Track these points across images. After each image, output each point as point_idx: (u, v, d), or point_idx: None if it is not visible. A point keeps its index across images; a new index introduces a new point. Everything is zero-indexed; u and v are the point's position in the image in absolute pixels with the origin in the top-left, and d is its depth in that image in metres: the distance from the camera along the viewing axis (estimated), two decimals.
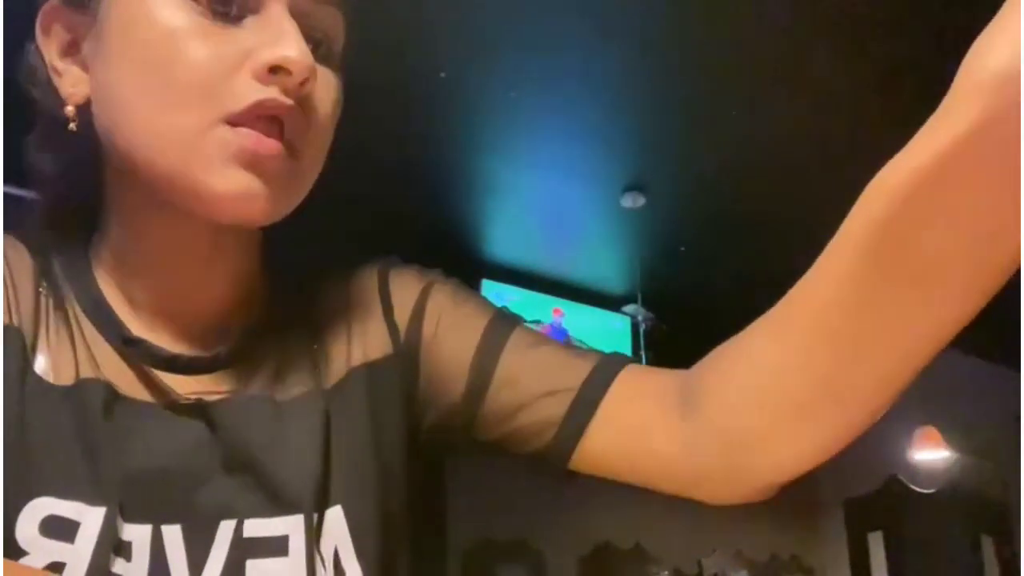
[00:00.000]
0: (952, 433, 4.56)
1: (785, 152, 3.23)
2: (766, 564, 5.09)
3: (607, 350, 0.63)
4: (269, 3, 0.52)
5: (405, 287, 0.65)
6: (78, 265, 0.58)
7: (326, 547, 0.54)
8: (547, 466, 0.61)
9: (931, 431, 4.52)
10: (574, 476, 0.66)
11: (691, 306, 4.40)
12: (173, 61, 0.50)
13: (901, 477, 4.87)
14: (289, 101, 0.51)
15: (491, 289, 4.09)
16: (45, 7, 0.56)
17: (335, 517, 0.55)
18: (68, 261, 0.59)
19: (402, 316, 0.64)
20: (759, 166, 3.34)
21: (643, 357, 4.23)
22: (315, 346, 0.62)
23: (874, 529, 5.20)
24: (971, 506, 5.03)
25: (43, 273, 0.57)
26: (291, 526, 0.53)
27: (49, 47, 0.56)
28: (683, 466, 0.56)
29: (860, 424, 0.49)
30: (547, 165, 3.39)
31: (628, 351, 4.37)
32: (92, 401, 0.53)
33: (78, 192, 0.59)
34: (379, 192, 3.36)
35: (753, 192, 3.49)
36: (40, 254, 0.58)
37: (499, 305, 0.66)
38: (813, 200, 3.74)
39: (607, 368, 0.59)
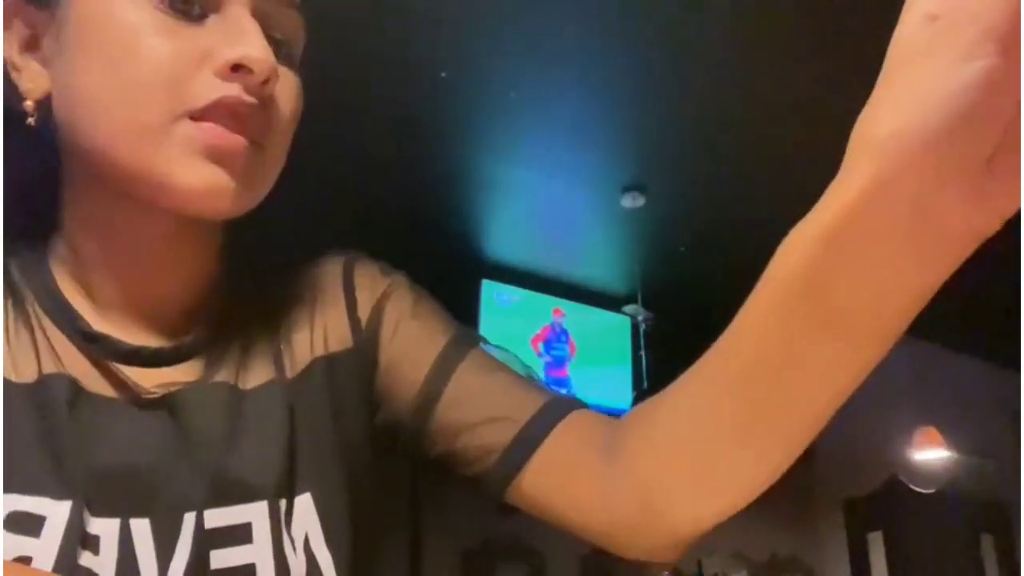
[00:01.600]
0: (952, 433, 4.56)
1: (786, 152, 3.23)
2: (766, 564, 5.09)
3: (607, 350, 0.64)
4: (231, 3, 0.53)
5: (368, 284, 0.66)
6: (36, 264, 0.58)
7: (297, 532, 0.55)
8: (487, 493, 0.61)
9: (931, 431, 4.52)
10: None
11: (691, 306, 4.39)
12: (134, 58, 0.50)
13: (901, 477, 4.87)
14: (251, 99, 0.52)
15: (491, 289, 4.09)
16: (5, 2, 0.55)
17: (305, 503, 0.56)
18: (25, 261, 0.58)
19: (364, 312, 0.65)
20: (759, 166, 3.34)
21: (643, 357, 4.24)
22: (279, 335, 0.62)
23: (874, 529, 5.20)
24: (971, 506, 5.03)
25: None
26: (255, 513, 0.53)
27: (9, 42, 0.56)
28: (600, 516, 0.57)
29: (772, 474, 0.50)
30: (547, 165, 3.39)
31: (628, 351, 4.37)
32: (56, 396, 0.53)
33: (36, 189, 0.59)
34: (379, 192, 3.36)
35: (753, 192, 3.49)
36: None
37: (458, 324, 0.66)
38: (814, 200, 3.74)
39: (556, 408, 0.60)
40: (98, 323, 0.57)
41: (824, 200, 0.41)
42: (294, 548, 0.54)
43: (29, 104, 0.54)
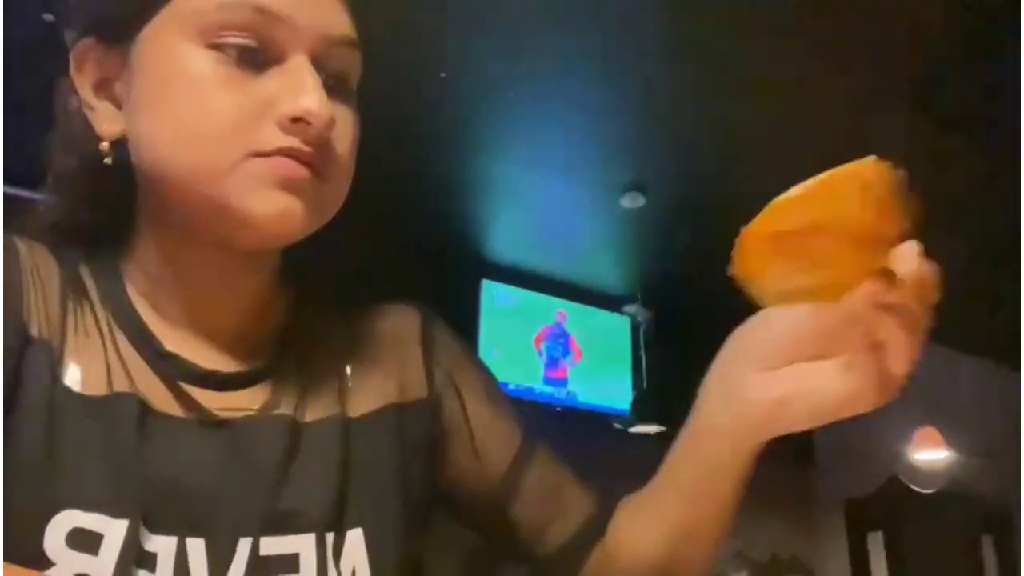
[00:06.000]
0: (952, 433, 4.56)
1: (785, 153, 3.23)
2: (766, 564, 5.09)
3: (607, 350, 0.70)
4: (291, 53, 0.54)
5: (443, 348, 0.70)
6: (109, 277, 0.60)
7: (345, 566, 0.57)
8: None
9: (931, 431, 4.52)
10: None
11: (691, 306, 4.40)
12: (201, 109, 0.53)
13: (901, 477, 4.87)
14: (310, 149, 0.54)
15: (491, 289, 4.09)
16: (79, 45, 0.58)
17: (355, 539, 0.58)
18: (98, 272, 0.60)
19: (439, 370, 0.69)
20: (759, 166, 3.34)
21: (643, 357, 4.24)
22: (345, 373, 0.64)
23: (874, 529, 5.20)
24: (971, 506, 5.03)
25: (70, 283, 0.58)
26: (303, 544, 0.55)
27: (83, 83, 0.58)
28: None
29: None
30: (547, 165, 3.39)
31: (628, 351, 4.37)
32: (124, 414, 0.54)
33: (107, 216, 0.61)
34: (379, 192, 3.35)
35: (753, 192, 3.49)
36: (68, 263, 0.59)
37: (520, 414, 0.73)
38: None
39: (607, 511, 0.70)
40: (169, 342, 0.58)
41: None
42: None
43: (105, 145, 0.56)
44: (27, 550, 0.49)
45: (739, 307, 0.51)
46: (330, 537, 0.56)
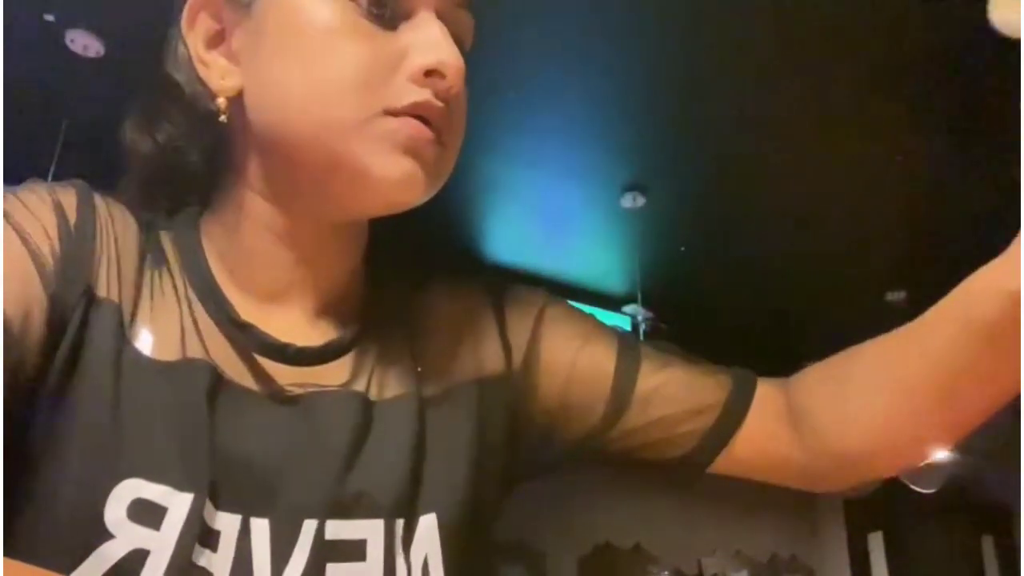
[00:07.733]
0: None
1: (785, 152, 3.23)
2: (766, 564, 5.09)
3: None
4: (420, 9, 0.54)
5: (520, 308, 0.67)
6: (188, 242, 0.58)
7: (416, 554, 0.54)
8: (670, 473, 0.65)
9: None
10: (574, 476, 0.68)
11: (691, 306, 4.39)
12: (334, 60, 0.52)
13: (901, 477, 4.87)
14: (441, 104, 0.54)
15: None
16: None
17: (428, 524, 0.55)
18: (178, 237, 0.58)
19: (517, 337, 0.65)
20: (759, 166, 3.33)
21: None
22: (419, 350, 0.62)
23: (874, 529, 5.20)
24: (972, 507, 5.02)
25: (149, 246, 0.57)
26: (370, 530, 0.52)
27: (195, 37, 0.56)
28: (794, 472, 0.64)
29: (949, 442, 0.58)
30: (547, 165, 3.38)
31: None
32: (196, 382, 0.52)
33: (193, 185, 0.60)
34: None
35: (753, 192, 3.49)
36: (148, 226, 0.58)
37: (612, 327, 0.68)
38: (813, 200, 3.75)
39: (744, 389, 0.64)
40: (246, 313, 0.56)
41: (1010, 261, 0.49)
42: (409, 571, 0.53)
43: (222, 102, 0.55)
44: (86, 520, 0.47)
45: (738, 307, 0.51)
46: (400, 524, 0.53)
